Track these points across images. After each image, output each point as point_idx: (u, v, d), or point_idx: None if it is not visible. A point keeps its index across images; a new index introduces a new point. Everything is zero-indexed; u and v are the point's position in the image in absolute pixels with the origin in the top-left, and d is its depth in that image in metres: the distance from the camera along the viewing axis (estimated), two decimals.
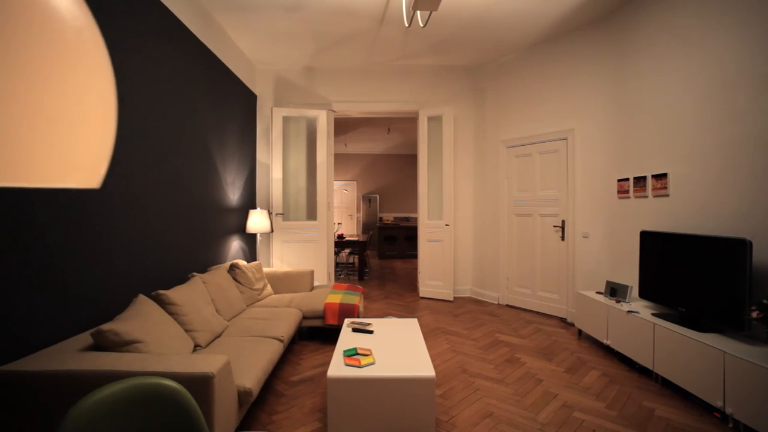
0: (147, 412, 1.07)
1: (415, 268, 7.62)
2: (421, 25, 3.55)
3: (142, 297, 2.10)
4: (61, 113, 0.30)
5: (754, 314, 2.04)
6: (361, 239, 6.62)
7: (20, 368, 1.49)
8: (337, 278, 6.41)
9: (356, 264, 7.77)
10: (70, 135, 0.31)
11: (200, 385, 1.51)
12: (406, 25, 3.71)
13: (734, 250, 2.25)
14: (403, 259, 9.11)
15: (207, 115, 3.47)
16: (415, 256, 9.18)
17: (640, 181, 3.30)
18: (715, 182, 2.63)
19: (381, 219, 10.63)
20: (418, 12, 3.41)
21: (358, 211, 11.15)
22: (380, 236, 9.13)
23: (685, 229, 2.85)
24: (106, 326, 1.72)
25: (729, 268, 2.28)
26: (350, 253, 7.29)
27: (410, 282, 6.24)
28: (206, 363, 1.59)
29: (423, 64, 5.11)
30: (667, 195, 3.01)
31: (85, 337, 1.86)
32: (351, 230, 11.13)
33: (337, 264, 7.69)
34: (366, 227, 10.69)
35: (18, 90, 0.27)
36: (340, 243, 6.46)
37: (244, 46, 4.42)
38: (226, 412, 1.65)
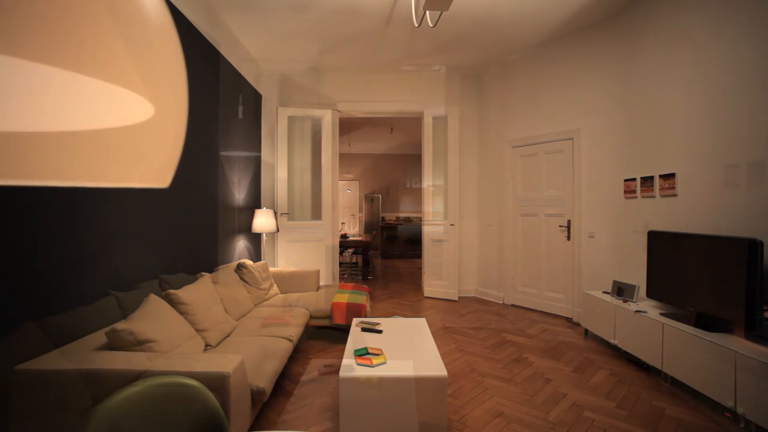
0: (170, 411, 1.07)
1: (418, 268, 7.61)
2: (431, 25, 3.55)
3: (153, 296, 2.10)
4: (149, 116, 0.30)
5: (767, 314, 2.04)
6: (365, 239, 6.62)
7: (39, 367, 1.49)
8: (340, 278, 6.40)
9: (359, 264, 7.76)
10: (155, 136, 0.31)
11: (216, 384, 1.51)
12: (416, 25, 3.71)
13: (746, 250, 2.25)
14: (406, 258, 9.11)
15: (214, 114, 3.47)
16: (418, 256, 9.16)
17: (647, 181, 3.30)
18: (723, 182, 2.63)
19: (383, 219, 10.63)
20: (428, 12, 3.40)
21: (360, 210, 11.15)
22: (383, 236, 9.13)
23: (693, 229, 2.85)
24: (120, 325, 1.72)
25: (740, 268, 2.28)
26: (354, 253, 7.29)
27: (414, 282, 6.24)
28: (222, 362, 1.60)
29: (428, 64, 5.10)
30: (675, 195, 3.01)
31: (97, 337, 1.86)
32: (353, 230, 11.12)
33: (339, 263, 7.68)
34: (368, 227, 10.68)
35: (109, 93, 0.27)
36: (344, 243, 6.46)
37: (250, 46, 4.41)
38: (240, 412, 1.66)
